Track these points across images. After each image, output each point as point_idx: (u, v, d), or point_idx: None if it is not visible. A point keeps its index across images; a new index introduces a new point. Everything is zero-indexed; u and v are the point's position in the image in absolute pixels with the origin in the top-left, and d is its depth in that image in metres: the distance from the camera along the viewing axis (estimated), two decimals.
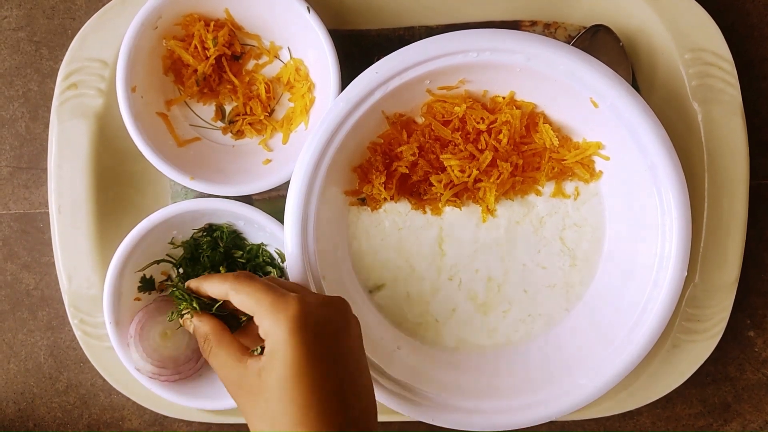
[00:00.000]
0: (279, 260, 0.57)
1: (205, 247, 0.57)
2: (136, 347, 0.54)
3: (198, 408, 0.56)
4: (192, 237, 0.58)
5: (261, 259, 0.58)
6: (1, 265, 0.62)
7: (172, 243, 0.57)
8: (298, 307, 0.41)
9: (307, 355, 0.39)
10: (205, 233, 0.58)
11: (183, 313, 0.49)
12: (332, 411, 0.39)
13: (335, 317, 0.43)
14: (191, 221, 0.56)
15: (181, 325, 0.51)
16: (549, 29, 0.58)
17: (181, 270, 0.58)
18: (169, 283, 0.58)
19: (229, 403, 0.55)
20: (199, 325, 0.47)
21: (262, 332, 0.42)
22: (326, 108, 0.52)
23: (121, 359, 0.55)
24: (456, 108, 0.54)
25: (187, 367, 0.56)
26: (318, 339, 0.40)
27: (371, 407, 0.42)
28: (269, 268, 0.58)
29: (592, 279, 0.56)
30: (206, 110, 0.59)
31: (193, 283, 0.49)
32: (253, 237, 0.58)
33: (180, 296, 0.49)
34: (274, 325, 0.40)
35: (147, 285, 0.57)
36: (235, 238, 0.58)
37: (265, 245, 0.58)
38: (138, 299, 0.56)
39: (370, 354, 0.52)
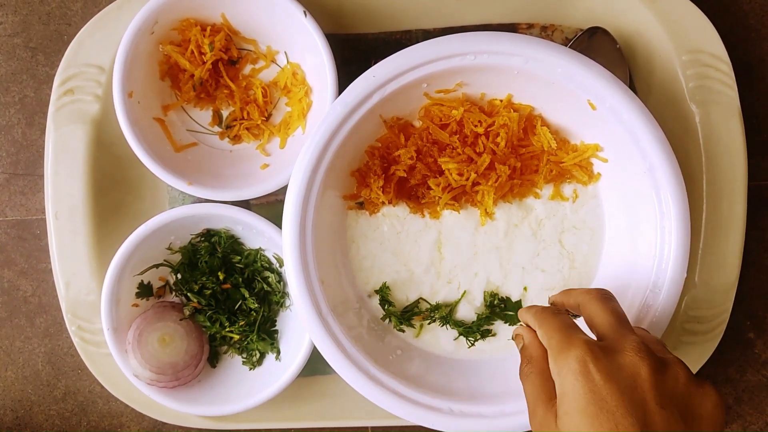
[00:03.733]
0: (277, 265, 0.57)
1: (203, 252, 0.57)
2: (134, 354, 0.54)
3: (197, 414, 0.56)
4: (190, 242, 0.57)
5: (259, 264, 0.57)
6: None
7: (170, 248, 0.57)
8: (582, 350, 0.37)
9: (593, 403, 0.35)
10: (203, 238, 0.57)
11: (515, 329, 0.46)
12: None
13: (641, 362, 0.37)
14: (189, 226, 0.56)
15: (180, 331, 0.52)
16: (546, 32, 0.58)
17: (179, 275, 0.58)
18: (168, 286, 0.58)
19: (227, 409, 0.55)
20: (529, 346, 0.43)
21: (552, 374, 0.39)
22: (323, 112, 0.51)
23: (120, 366, 0.54)
24: (453, 111, 0.54)
25: (185, 372, 0.56)
26: (611, 386, 0.35)
27: None
28: (267, 273, 0.57)
29: (592, 281, 0.56)
30: (203, 115, 0.59)
31: (519, 311, 0.46)
32: (252, 242, 0.58)
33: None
34: (556, 368, 0.38)
35: (145, 291, 0.57)
36: (233, 243, 0.58)
37: (263, 250, 0.57)
38: (136, 305, 0.56)
39: (369, 358, 0.52)
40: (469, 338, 0.56)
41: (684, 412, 0.36)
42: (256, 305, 0.57)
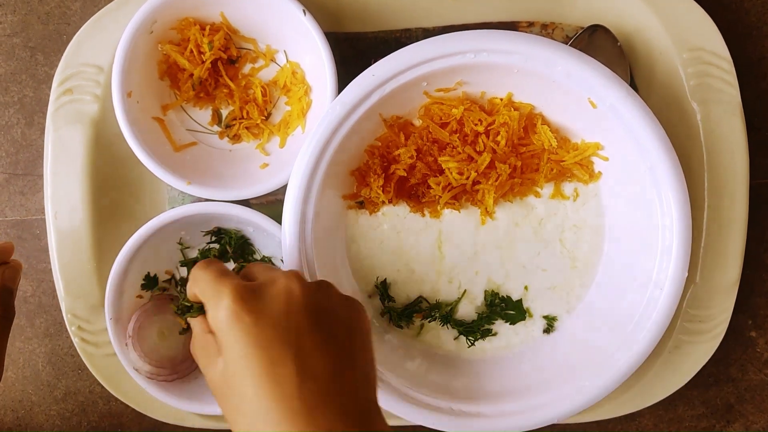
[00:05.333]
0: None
1: (212, 255, 0.58)
2: (134, 347, 0.54)
3: (196, 412, 0.56)
4: (206, 244, 0.58)
5: None
6: None
7: (180, 243, 0.57)
8: (231, 296, 0.36)
9: (250, 344, 0.35)
10: (213, 237, 0.58)
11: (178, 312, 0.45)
12: (287, 392, 0.34)
13: (293, 296, 0.37)
14: (201, 223, 0.56)
15: (180, 325, 0.51)
16: (546, 30, 0.57)
17: (186, 271, 0.58)
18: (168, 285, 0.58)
19: None
20: (192, 322, 0.43)
21: (212, 329, 0.38)
22: (323, 111, 0.51)
23: (120, 358, 0.54)
24: (454, 110, 0.53)
25: (184, 366, 0.56)
26: (263, 321, 0.36)
27: (363, 399, 0.37)
28: None
29: (593, 281, 0.56)
30: (203, 114, 0.59)
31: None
32: (262, 244, 0.58)
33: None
34: (214, 322, 0.37)
35: (150, 283, 0.57)
36: (243, 244, 0.58)
37: (267, 258, 0.58)
38: (140, 297, 0.56)
39: None
40: (470, 337, 0.56)
41: (336, 327, 0.38)
42: None
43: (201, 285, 0.40)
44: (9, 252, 0.51)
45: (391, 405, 0.51)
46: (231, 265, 0.59)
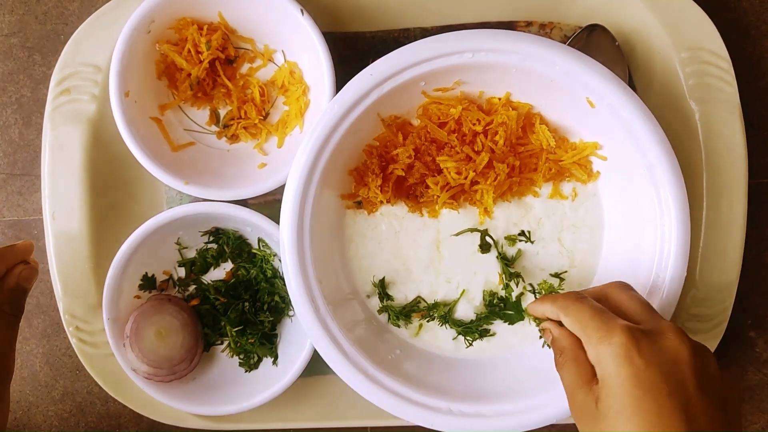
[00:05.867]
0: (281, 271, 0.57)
1: (210, 257, 0.58)
2: (131, 348, 0.54)
3: (193, 412, 0.56)
4: (204, 244, 0.58)
5: (270, 273, 0.58)
6: None
7: (178, 243, 0.57)
8: (625, 336, 0.38)
9: (637, 386, 0.36)
10: (211, 237, 0.57)
11: (542, 324, 0.47)
12: None
13: (673, 348, 0.38)
14: (199, 223, 0.56)
15: (176, 325, 0.52)
16: (544, 29, 0.57)
17: (183, 272, 0.58)
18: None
19: (222, 410, 0.55)
20: (559, 338, 0.44)
21: (591, 359, 0.40)
22: (321, 111, 0.51)
23: (117, 359, 0.54)
24: (452, 110, 0.53)
25: (181, 366, 0.56)
26: (654, 370, 0.37)
27: None
28: (275, 280, 0.57)
29: (591, 280, 0.56)
30: (200, 114, 0.59)
31: (530, 306, 0.48)
32: (258, 244, 0.58)
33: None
34: (599, 354, 0.39)
35: (148, 283, 0.57)
36: (241, 244, 0.58)
37: (268, 259, 0.58)
38: (138, 297, 0.56)
39: (368, 358, 0.52)
40: (468, 337, 0.56)
41: (718, 397, 0.37)
42: (269, 318, 0.57)
43: (581, 315, 0.41)
44: (28, 251, 0.51)
45: (389, 405, 0.51)
46: (229, 265, 0.59)
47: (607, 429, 0.37)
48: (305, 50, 0.55)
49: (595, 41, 0.55)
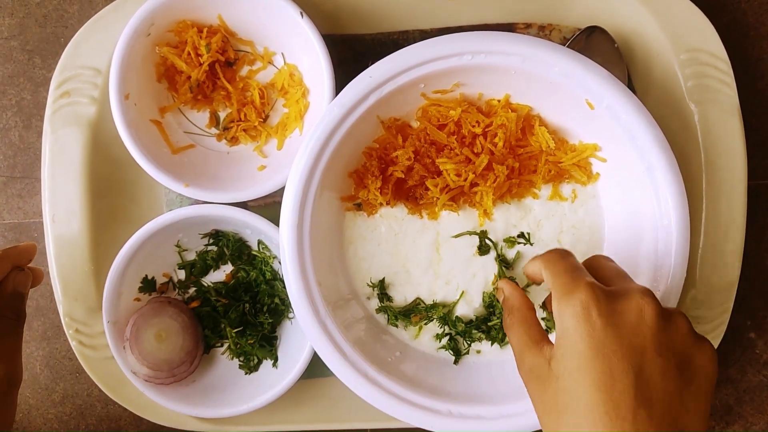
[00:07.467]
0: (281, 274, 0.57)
1: (210, 260, 0.58)
2: (131, 350, 0.54)
3: (193, 415, 0.56)
4: (204, 247, 0.58)
5: (270, 275, 0.58)
6: None
7: (178, 246, 0.57)
8: (586, 293, 0.37)
9: (591, 346, 0.35)
10: (211, 239, 0.58)
11: (497, 283, 0.45)
12: (621, 412, 0.34)
13: (636, 312, 0.36)
14: (198, 226, 0.56)
15: (177, 327, 0.52)
16: (544, 31, 0.57)
17: (183, 275, 0.58)
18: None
19: (222, 412, 0.55)
20: (510, 297, 0.44)
21: (554, 315, 0.38)
22: (321, 113, 0.51)
23: (117, 361, 0.54)
24: (451, 112, 0.53)
25: (181, 369, 0.56)
26: (611, 330, 0.35)
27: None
28: (275, 283, 0.57)
29: None
30: (200, 117, 0.59)
31: (525, 267, 0.46)
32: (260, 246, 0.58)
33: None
34: (558, 310, 0.37)
35: (148, 286, 0.57)
36: (241, 246, 0.58)
37: (267, 259, 0.57)
38: (138, 299, 0.56)
39: (367, 360, 0.52)
40: (468, 339, 0.56)
41: (680, 363, 0.36)
42: (269, 320, 0.57)
43: (555, 269, 0.40)
44: (31, 252, 0.50)
45: (389, 407, 0.51)
46: (229, 268, 0.59)
47: (558, 390, 0.36)
48: (305, 53, 0.55)
49: (594, 43, 0.56)
